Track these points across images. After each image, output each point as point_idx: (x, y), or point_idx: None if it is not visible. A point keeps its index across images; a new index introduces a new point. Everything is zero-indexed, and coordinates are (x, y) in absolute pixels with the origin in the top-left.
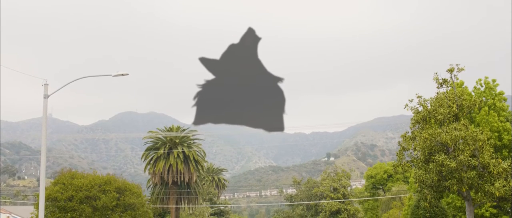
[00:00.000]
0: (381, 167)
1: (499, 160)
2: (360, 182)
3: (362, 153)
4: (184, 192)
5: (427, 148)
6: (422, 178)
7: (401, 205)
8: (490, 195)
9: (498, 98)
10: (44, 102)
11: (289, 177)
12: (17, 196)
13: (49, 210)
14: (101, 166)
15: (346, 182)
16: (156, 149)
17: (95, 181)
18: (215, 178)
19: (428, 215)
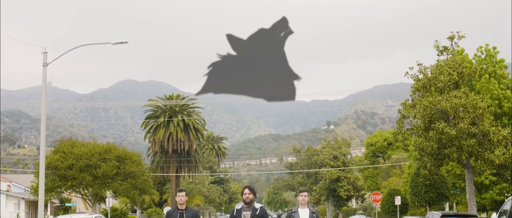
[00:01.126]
0: (381, 135)
1: (499, 128)
2: (360, 150)
3: (362, 121)
4: (184, 160)
5: (427, 115)
6: (422, 146)
7: (401, 173)
8: (490, 162)
9: (499, 66)
10: (44, 70)
11: (289, 145)
12: (17, 165)
13: (49, 178)
14: (101, 134)
15: (346, 150)
16: (156, 117)
17: (95, 150)
18: (215, 146)
19: (428, 182)
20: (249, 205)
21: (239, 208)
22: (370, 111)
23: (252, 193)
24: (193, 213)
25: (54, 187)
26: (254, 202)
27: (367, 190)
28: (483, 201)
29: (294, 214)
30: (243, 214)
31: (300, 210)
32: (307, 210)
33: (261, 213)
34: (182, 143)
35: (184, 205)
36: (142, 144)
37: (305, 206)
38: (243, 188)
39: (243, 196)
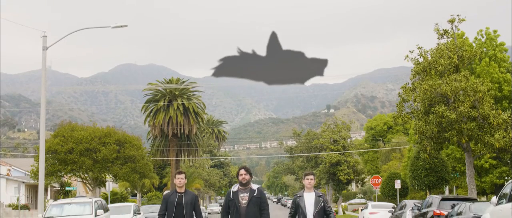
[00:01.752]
0: (381, 119)
1: (499, 111)
2: (360, 134)
3: (362, 105)
4: (184, 144)
5: (427, 99)
6: (422, 130)
7: (401, 157)
8: (490, 146)
9: (499, 49)
10: (43, 54)
11: (289, 129)
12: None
13: (49, 162)
14: (100, 118)
15: (346, 133)
16: (155, 101)
17: (95, 133)
18: (215, 130)
19: (428, 166)
20: (245, 186)
21: (235, 190)
22: (370, 94)
23: (248, 173)
24: (192, 197)
25: (54, 171)
26: (250, 183)
27: (367, 174)
28: (483, 185)
29: (299, 198)
30: (240, 196)
31: (305, 194)
32: (313, 194)
33: (259, 194)
34: (182, 127)
35: (183, 188)
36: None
37: (311, 190)
38: (239, 169)
39: (239, 177)
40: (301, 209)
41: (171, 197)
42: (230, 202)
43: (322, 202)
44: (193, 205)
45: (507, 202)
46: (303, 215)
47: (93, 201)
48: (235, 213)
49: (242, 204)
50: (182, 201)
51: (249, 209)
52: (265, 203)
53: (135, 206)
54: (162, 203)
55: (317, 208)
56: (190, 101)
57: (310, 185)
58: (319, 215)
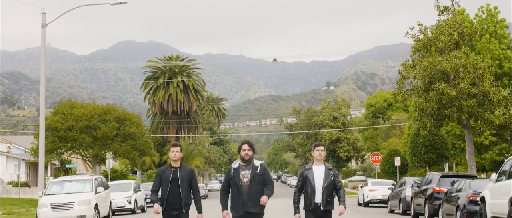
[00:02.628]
0: (381, 96)
1: (499, 88)
2: (360, 111)
3: (362, 82)
4: (184, 121)
5: (427, 76)
6: (422, 107)
7: (401, 134)
8: (490, 123)
9: (500, 26)
10: (42, 31)
11: (289, 106)
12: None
13: (49, 140)
14: (100, 95)
15: (346, 111)
16: (155, 78)
17: (95, 111)
18: (215, 108)
19: (428, 143)
20: (247, 163)
21: (236, 167)
22: (370, 71)
23: (251, 149)
24: (188, 172)
25: (54, 148)
26: (253, 160)
27: (367, 151)
28: (482, 162)
29: (308, 171)
30: (241, 173)
31: (314, 167)
32: (323, 167)
33: (262, 171)
34: (181, 104)
35: (178, 163)
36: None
37: (321, 162)
38: (241, 144)
39: (241, 152)
40: (309, 182)
41: (165, 173)
42: (231, 180)
43: (332, 176)
44: (189, 181)
45: (506, 179)
46: (311, 189)
47: (93, 178)
48: (235, 192)
49: (243, 182)
50: (177, 177)
51: (251, 188)
52: (269, 180)
53: (135, 183)
54: (156, 178)
55: (326, 182)
56: (190, 78)
57: (320, 157)
58: (328, 190)
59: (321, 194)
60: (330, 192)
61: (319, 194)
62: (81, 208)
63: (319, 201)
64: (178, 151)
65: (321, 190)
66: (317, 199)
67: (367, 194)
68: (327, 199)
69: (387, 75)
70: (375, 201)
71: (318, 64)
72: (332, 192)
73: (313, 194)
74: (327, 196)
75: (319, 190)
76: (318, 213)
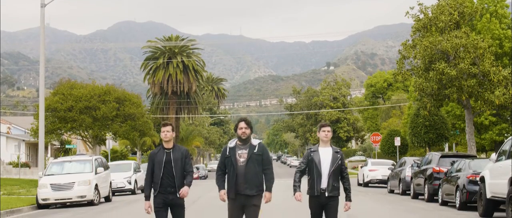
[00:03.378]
0: (381, 76)
1: (499, 68)
2: (360, 91)
3: (362, 62)
4: (183, 102)
5: (427, 56)
6: (422, 87)
7: (401, 114)
8: (490, 103)
9: (500, 6)
10: (41, 11)
11: (289, 86)
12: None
13: (49, 120)
14: (100, 76)
15: (345, 91)
16: (155, 58)
17: (95, 91)
18: (215, 88)
19: (428, 123)
20: (244, 142)
21: (233, 146)
22: (370, 51)
23: (249, 127)
24: (182, 153)
25: (54, 129)
26: (251, 139)
27: (366, 131)
28: (482, 142)
29: (313, 153)
30: (237, 153)
31: (321, 149)
32: (330, 149)
33: (260, 150)
34: (181, 85)
35: (171, 143)
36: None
37: (328, 144)
38: (238, 121)
39: (238, 130)
40: (315, 165)
41: (158, 155)
42: (226, 160)
43: (339, 160)
44: (183, 163)
45: (506, 159)
46: (317, 172)
47: (93, 159)
48: (231, 172)
49: (239, 163)
50: (170, 158)
51: (248, 169)
52: (267, 161)
53: (135, 164)
54: (148, 163)
55: (334, 166)
56: (189, 59)
57: (326, 138)
58: (335, 175)
59: (327, 179)
60: (337, 177)
61: (325, 179)
62: (81, 189)
63: (324, 186)
64: (169, 131)
65: (327, 174)
66: (322, 184)
67: (367, 174)
68: (333, 184)
69: (387, 56)
70: (375, 181)
71: (318, 45)
72: (338, 177)
73: (319, 179)
74: (333, 181)
75: (325, 175)
76: (322, 200)
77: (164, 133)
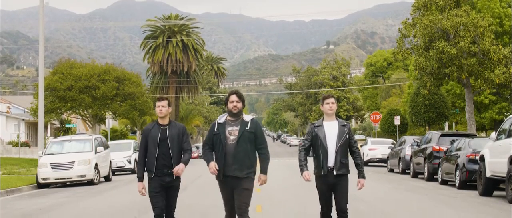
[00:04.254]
0: (381, 55)
1: (499, 47)
2: (360, 70)
3: (362, 41)
4: (183, 81)
5: (427, 34)
6: (422, 65)
7: (401, 93)
8: (490, 82)
9: None
10: None
11: (289, 65)
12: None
13: (48, 100)
14: (99, 55)
15: (345, 70)
16: (154, 37)
17: (94, 71)
18: (215, 67)
19: (427, 102)
20: (236, 117)
21: (222, 122)
22: (370, 30)
23: (241, 101)
24: (179, 130)
25: (54, 108)
26: (242, 114)
27: (366, 110)
28: (482, 121)
29: (318, 129)
30: (227, 130)
31: (325, 123)
32: (336, 122)
33: (253, 127)
34: (181, 64)
35: (166, 119)
36: (141, 64)
37: (332, 117)
38: (229, 94)
39: (228, 104)
40: (320, 141)
41: (152, 132)
42: (215, 137)
43: (347, 133)
44: (180, 140)
45: (506, 138)
46: (323, 149)
47: (93, 138)
48: (220, 151)
49: (229, 141)
50: (166, 136)
51: (239, 148)
52: (261, 138)
53: (135, 143)
54: (142, 140)
55: (341, 140)
56: (189, 37)
57: (331, 111)
58: (342, 150)
59: (334, 156)
60: (345, 153)
61: (332, 156)
62: (81, 168)
63: (332, 164)
64: (164, 106)
65: (334, 151)
66: (329, 162)
67: (367, 153)
68: (341, 161)
69: (387, 34)
70: (374, 160)
71: (317, 23)
72: (346, 153)
73: (325, 157)
74: (341, 157)
75: (332, 151)
76: (330, 179)
77: (159, 108)
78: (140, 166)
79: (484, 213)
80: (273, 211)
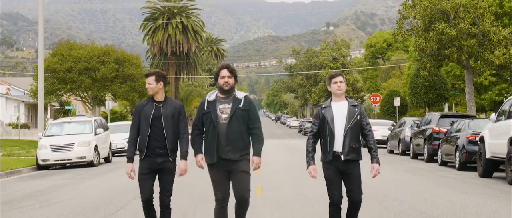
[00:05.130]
0: (381, 36)
1: (499, 28)
2: (360, 52)
3: (361, 22)
4: (183, 62)
5: (427, 16)
6: (422, 47)
7: (400, 74)
8: (490, 63)
9: None
10: None
11: (288, 46)
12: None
13: (48, 81)
14: (99, 37)
15: (345, 51)
16: (154, 19)
17: (94, 52)
18: (214, 49)
19: (427, 83)
20: (227, 94)
21: (212, 100)
22: (370, 11)
23: (232, 76)
24: (175, 108)
25: (53, 90)
26: (235, 90)
27: (366, 92)
28: (482, 102)
29: (325, 110)
30: (218, 108)
31: (334, 104)
32: (345, 103)
33: (247, 105)
34: (181, 45)
35: (161, 95)
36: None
37: (342, 97)
38: (219, 69)
39: (219, 80)
40: (327, 124)
41: (145, 109)
42: (205, 116)
43: (358, 114)
44: (176, 120)
45: (506, 119)
46: (330, 133)
47: (93, 120)
48: (211, 131)
49: (221, 120)
50: (160, 114)
51: (232, 127)
52: (255, 117)
53: None
54: (134, 117)
55: (351, 122)
56: (189, 19)
57: (340, 91)
58: (352, 133)
59: (342, 139)
60: (355, 136)
61: (339, 139)
62: (81, 150)
63: (339, 149)
64: (150, 83)
65: (342, 133)
66: (336, 146)
67: None
68: (351, 145)
69: (387, 16)
70: None
71: (317, 5)
72: (358, 137)
73: (332, 140)
74: (350, 141)
75: (340, 134)
76: (339, 166)
77: (147, 85)
78: (130, 146)
79: (484, 194)
80: (273, 193)
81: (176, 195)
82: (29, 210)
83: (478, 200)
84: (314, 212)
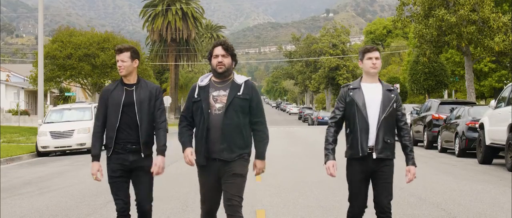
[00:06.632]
0: (381, 23)
1: (499, 14)
2: (359, 38)
3: (361, 9)
4: (183, 49)
5: (427, 2)
6: (422, 33)
7: (400, 61)
8: (489, 49)
9: None
10: None
11: (288, 33)
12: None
13: (48, 68)
14: (99, 23)
15: (345, 38)
16: (154, 5)
17: (94, 39)
18: (214, 35)
19: (427, 70)
20: (223, 78)
21: (205, 85)
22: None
23: (228, 54)
24: (150, 92)
25: (53, 76)
26: (233, 73)
27: None
28: (482, 89)
29: (354, 92)
30: (212, 95)
31: (365, 86)
32: (379, 85)
33: (248, 92)
34: (180, 32)
35: (132, 77)
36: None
37: (375, 78)
38: (212, 47)
39: (212, 60)
40: (358, 110)
41: (114, 94)
42: (195, 105)
43: (394, 102)
44: (152, 106)
45: (505, 106)
46: (361, 120)
47: (93, 106)
48: (201, 123)
49: (214, 110)
50: (132, 99)
51: (228, 119)
52: (258, 108)
53: None
54: (99, 104)
55: (386, 111)
56: (188, 6)
57: (375, 69)
58: (387, 124)
59: (376, 132)
60: (390, 129)
61: (373, 131)
62: (81, 136)
63: (372, 143)
64: (125, 60)
65: (376, 125)
66: (370, 140)
67: None
68: (385, 140)
69: (387, 2)
70: None
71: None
72: (393, 129)
73: (365, 132)
74: (384, 134)
75: (374, 125)
76: (369, 165)
77: (120, 63)
78: (96, 141)
79: (483, 181)
80: (272, 179)
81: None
82: (29, 196)
83: (478, 187)
84: (314, 198)
